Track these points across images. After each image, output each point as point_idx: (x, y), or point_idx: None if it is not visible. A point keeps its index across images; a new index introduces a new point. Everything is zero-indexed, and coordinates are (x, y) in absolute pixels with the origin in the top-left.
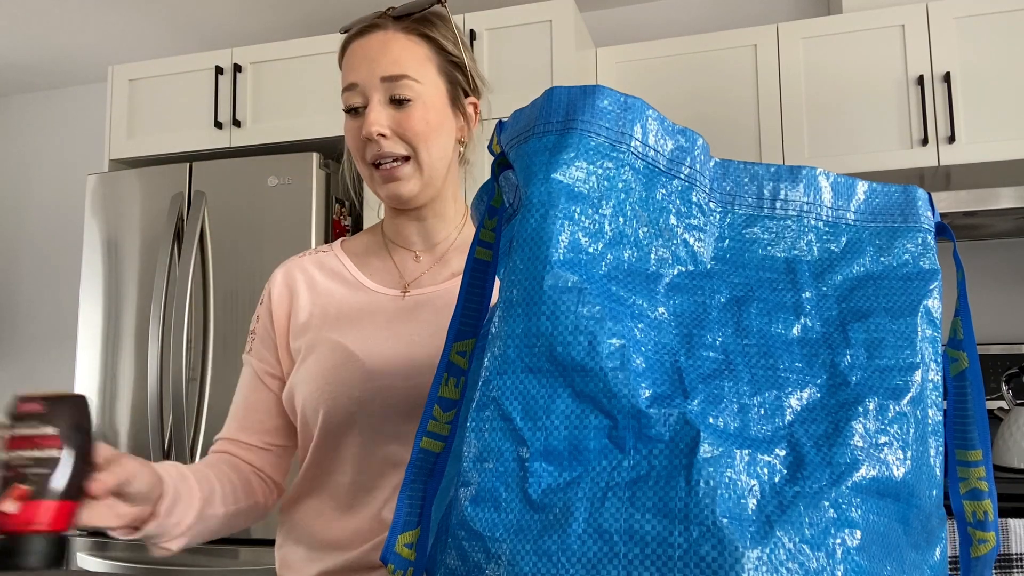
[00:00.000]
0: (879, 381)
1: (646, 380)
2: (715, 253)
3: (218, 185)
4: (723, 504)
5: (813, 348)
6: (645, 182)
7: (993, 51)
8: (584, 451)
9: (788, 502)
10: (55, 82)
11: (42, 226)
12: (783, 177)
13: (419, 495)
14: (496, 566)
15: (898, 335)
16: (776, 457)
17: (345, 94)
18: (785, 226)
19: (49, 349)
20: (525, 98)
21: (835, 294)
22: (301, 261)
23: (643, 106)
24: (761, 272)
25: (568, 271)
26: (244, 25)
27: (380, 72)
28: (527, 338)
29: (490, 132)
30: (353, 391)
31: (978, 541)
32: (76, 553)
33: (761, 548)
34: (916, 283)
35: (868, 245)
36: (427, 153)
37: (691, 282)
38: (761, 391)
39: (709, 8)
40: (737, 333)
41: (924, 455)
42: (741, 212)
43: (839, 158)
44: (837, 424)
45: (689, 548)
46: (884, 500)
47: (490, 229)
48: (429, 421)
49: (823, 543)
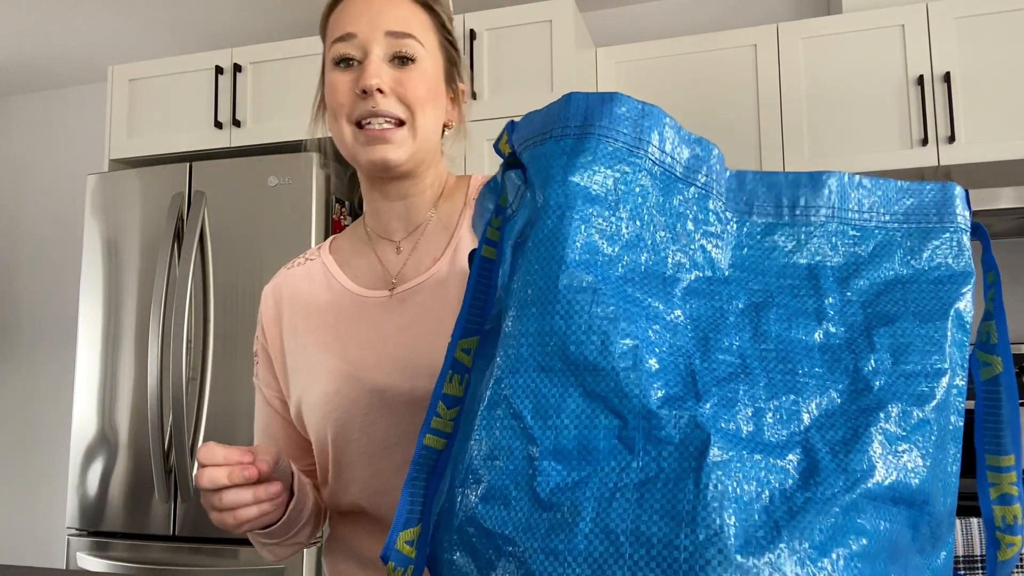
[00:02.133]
0: (903, 387)
1: (658, 381)
2: (733, 260)
3: (218, 185)
4: (731, 508)
5: (835, 353)
6: (662, 188)
7: (993, 51)
8: (593, 451)
9: (798, 508)
10: (55, 82)
11: (42, 226)
12: (803, 184)
13: (421, 492)
14: (507, 563)
15: (926, 340)
16: (789, 463)
17: (337, 44)
18: (807, 233)
19: (49, 349)
20: (525, 98)
21: (860, 299)
22: (289, 274)
23: (661, 114)
24: (781, 279)
25: (583, 271)
26: (244, 25)
27: (385, 26)
28: (540, 336)
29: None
30: (358, 412)
31: (1006, 545)
32: (76, 553)
33: (768, 553)
34: (948, 286)
35: (898, 248)
36: (424, 120)
37: (708, 287)
38: (778, 395)
39: (709, 8)
40: (755, 338)
41: (943, 462)
42: (760, 221)
43: (839, 158)
44: (856, 430)
45: (695, 551)
46: (898, 507)
47: (496, 228)
48: (433, 418)
49: (831, 550)
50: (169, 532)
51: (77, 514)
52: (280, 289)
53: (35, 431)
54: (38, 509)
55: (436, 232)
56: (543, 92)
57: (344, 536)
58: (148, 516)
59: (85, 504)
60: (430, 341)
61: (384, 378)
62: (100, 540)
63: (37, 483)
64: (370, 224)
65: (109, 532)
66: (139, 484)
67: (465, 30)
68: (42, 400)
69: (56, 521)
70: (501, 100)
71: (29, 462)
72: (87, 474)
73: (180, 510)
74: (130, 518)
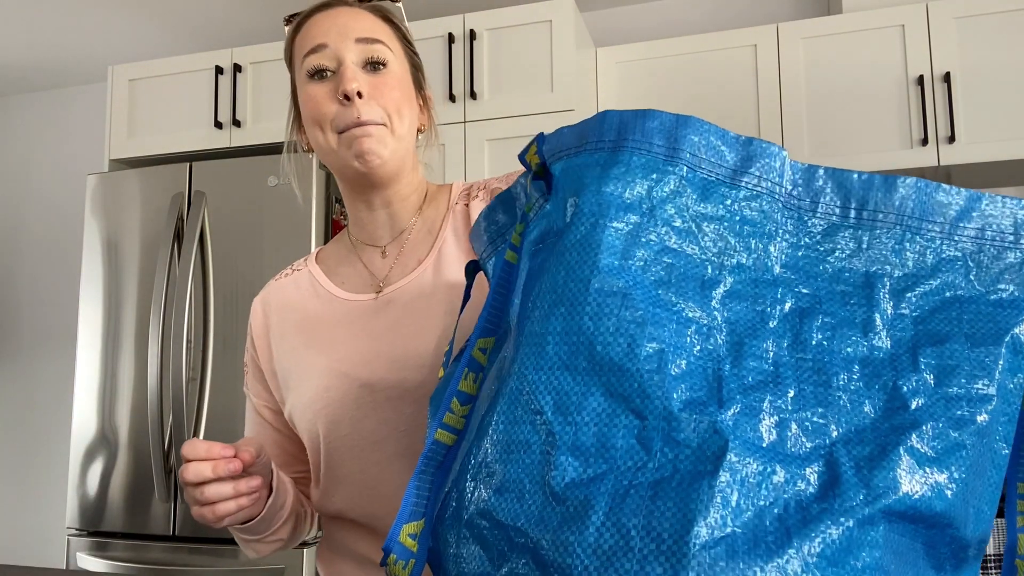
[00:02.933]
0: (942, 409)
1: (682, 384)
2: (787, 261)
3: (218, 185)
4: (743, 512)
5: (876, 368)
6: (702, 192)
7: (993, 51)
8: (611, 449)
9: (812, 517)
10: (55, 82)
11: (42, 226)
12: (876, 186)
13: (427, 486)
14: (519, 555)
15: (975, 364)
16: (809, 474)
17: (310, 57)
18: (872, 237)
19: (49, 349)
20: (525, 98)
21: (913, 315)
22: (277, 284)
23: (699, 122)
24: (834, 284)
25: (615, 277)
26: (244, 25)
27: (354, 34)
28: (567, 336)
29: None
30: (347, 408)
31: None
32: (76, 553)
33: (776, 558)
34: (1008, 311)
35: (965, 264)
36: (400, 123)
37: (753, 290)
38: (806, 407)
39: (709, 8)
40: (793, 346)
41: (977, 488)
42: (822, 221)
43: (839, 158)
44: (885, 447)
45: (704, 548)
46: (916, 525)
47: (519, 233)
48: (446, 413)
49: (841, 561)
50: (169, 532)
51: (77, 514)
52: (268, 300)
53: (35, 431)
54: (38, 509)
55: (420, 236)
56: (543, 92)
57: (339, 537)
58: (148, 516)
59: (85, 504)
60: (416, 335)
61: (372, 373)
62: (100, 540)
63: (37, 483)
64: (354, 233)
65: (109, 532)
66: (139, 484)
67: (465, 30)
68: (42, 400)
69: (56, 521)
70: (501, 100)
71: (29, 462)
72: (87, 474)
73: (180, 510)
74: (130, 518)
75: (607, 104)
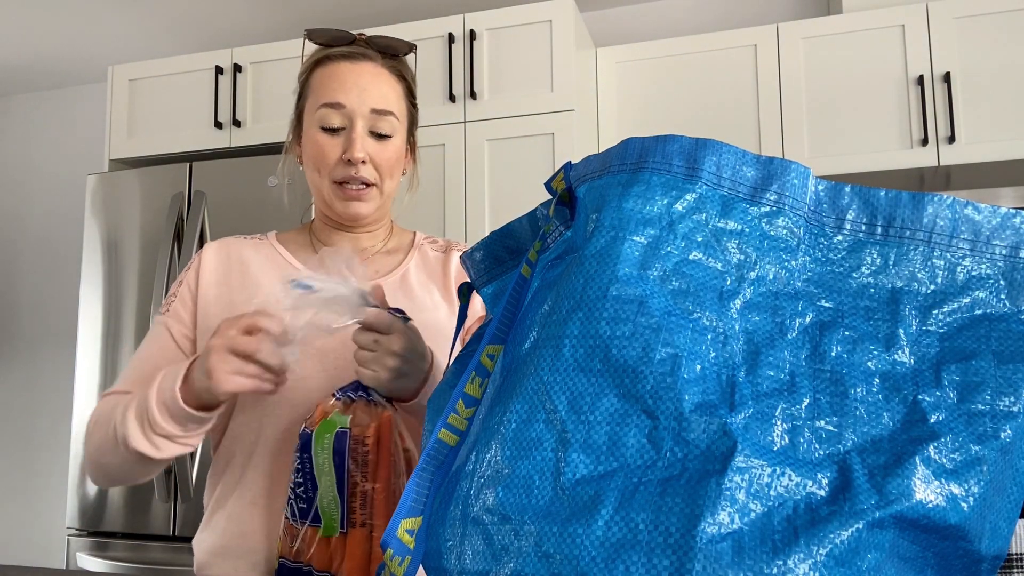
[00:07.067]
0: (964, 424)
1: (695, 387)
2: (809, 276)
3: (218, 185)
4: (751, 510)
5: (897, 382)
6: (721, 209)
7: (993, 51)
8: (622, 447)
9: (821, 518)
10: (55, 82)
11: (42, 226)
12: (903, 203)
13: (427, 484)
14: (523, 544)
15: (1001, 381)
16: (821, 479)
17: (324, 110)
18: (899, 255)
19: (49, 349)
20: (525, 98)
21: (941, 331)
22: (236, 240)
23: (717, 144)
24: (858, 299)
25: (633, 286)
26: (244, 25)
27: (371, 103)
28: (584, 339)
29: None
30: None
31: None
32: (76, 553)
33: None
34: None
35: (996, 282)
36: (390, 183)
37: (773, 302)
38: (821, 416)
39: (709, 8)
40: (811, 357)
41: (996, 504)
42: (848, 237)
43: (839, 158)
44: (900, 457)
45: (711, 543)
46: (928, 535)
47: (535, 251)
48: (451, 414)
49: (848, 562)
50: (169, 532)
51: (77, 514)
52: (228, 247)
53: (35, 431)
54: (38, 509)
55: (380, 256)
56: (543, 92)
57: (219, 519)
58: (148, 516)
59: (85, 504)
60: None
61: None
62: (100, 540)
63: (37, 483)
64: (321, 238)
65: (109, 532)
66: (139, 484)
67: (465, 30)
68: (42, 400)
69: (56, 521)
70: (501, 100)
71: (29, 462)
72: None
73: (180, 510)
74: (130, 518)
75: (607, 104)
